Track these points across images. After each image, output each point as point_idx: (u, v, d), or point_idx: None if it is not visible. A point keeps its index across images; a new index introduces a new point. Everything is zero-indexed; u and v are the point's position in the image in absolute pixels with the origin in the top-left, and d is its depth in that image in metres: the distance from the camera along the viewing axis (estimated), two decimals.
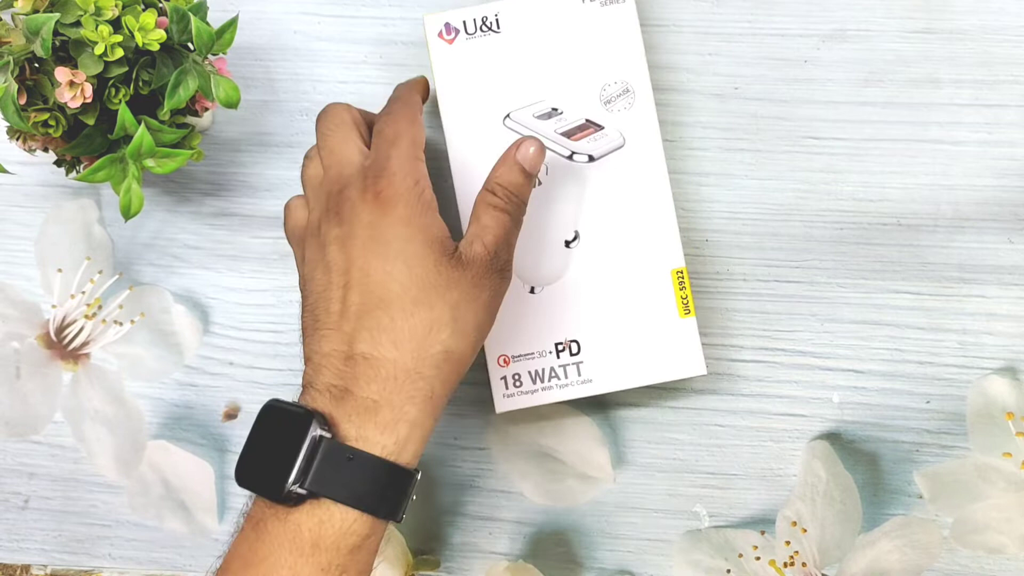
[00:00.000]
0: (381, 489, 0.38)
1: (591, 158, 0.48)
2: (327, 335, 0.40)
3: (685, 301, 0.47)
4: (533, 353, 0.47)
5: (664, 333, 0.47)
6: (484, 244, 0.42)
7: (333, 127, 0.44)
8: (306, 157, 0.46)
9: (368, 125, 0.46)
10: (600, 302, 0.47)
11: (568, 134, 0.48)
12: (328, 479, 0.38)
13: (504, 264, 0.43)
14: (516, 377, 0.47)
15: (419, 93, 0.47)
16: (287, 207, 0.46)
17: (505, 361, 0.47)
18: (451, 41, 0.48)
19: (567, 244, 0.48)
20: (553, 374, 0.47)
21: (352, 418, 0.39)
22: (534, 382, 0.47)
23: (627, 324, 0.47)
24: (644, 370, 0.47)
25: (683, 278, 0.48)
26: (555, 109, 0.48)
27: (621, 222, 0.48)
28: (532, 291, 0.48)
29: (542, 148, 0.44)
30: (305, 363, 0.41)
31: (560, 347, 0.47)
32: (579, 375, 0.47)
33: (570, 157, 0.48)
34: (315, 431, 0.38)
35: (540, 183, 0.48)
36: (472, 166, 0.48)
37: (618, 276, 0.47)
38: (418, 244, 0.41)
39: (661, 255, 0.48)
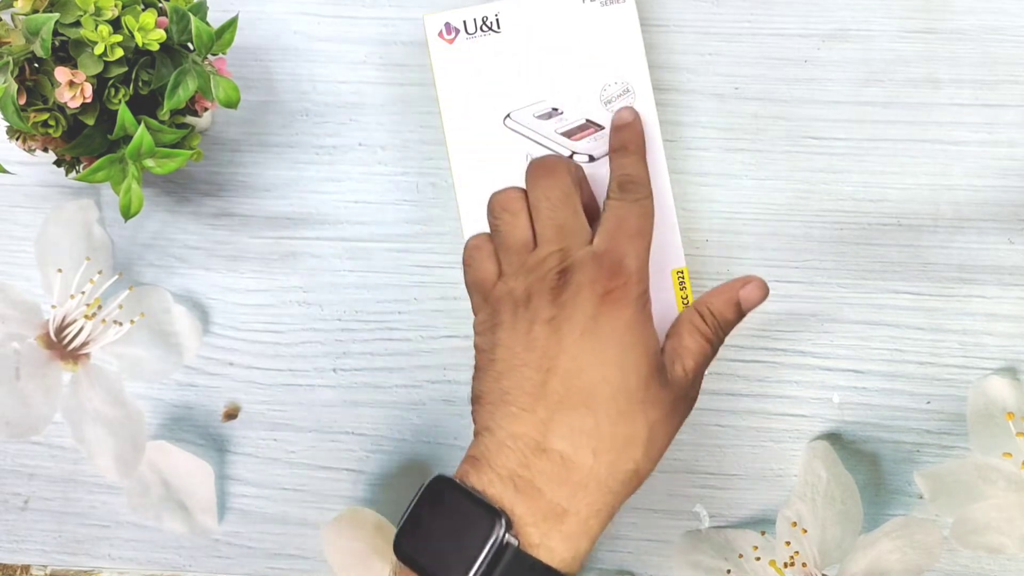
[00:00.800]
0: None
1: (592, 158, 0.48)
2: (519, 415, 0.38)
3: (686, 301, 0.47)
4: None
5: (665, 333, 0.47)
6: (684, 368, 0.41)
7: (561, 196, 0.42)
8: (505, 210, 0.43)
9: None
10: None
11: (568, 134, 0.48)
12: None
13: (696, 393, 0.42)
14: None
15: (644, 155, 0.46)
16: (471, 254, 0.44)
17: None
18: (451, 41, 0.48)
19: None
20: None
21: (539, 522, 0.37)
22: None
23: None
24: None
25: (683, 278, 0.48)
26: (555, 109, 0.48)
27: None
28: None
29: (765, 291, 0.43)
30: (480, 432, 0.39)
31: None
32: None
33: (570, 157, 0.48)
34: (500, 531, 0.35)
35: None
36: (473, 166, 0.48)
37: None
38: (637, 354, 0.39)
39: (662, 255, 0.48)
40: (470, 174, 0.48)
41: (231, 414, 0.52)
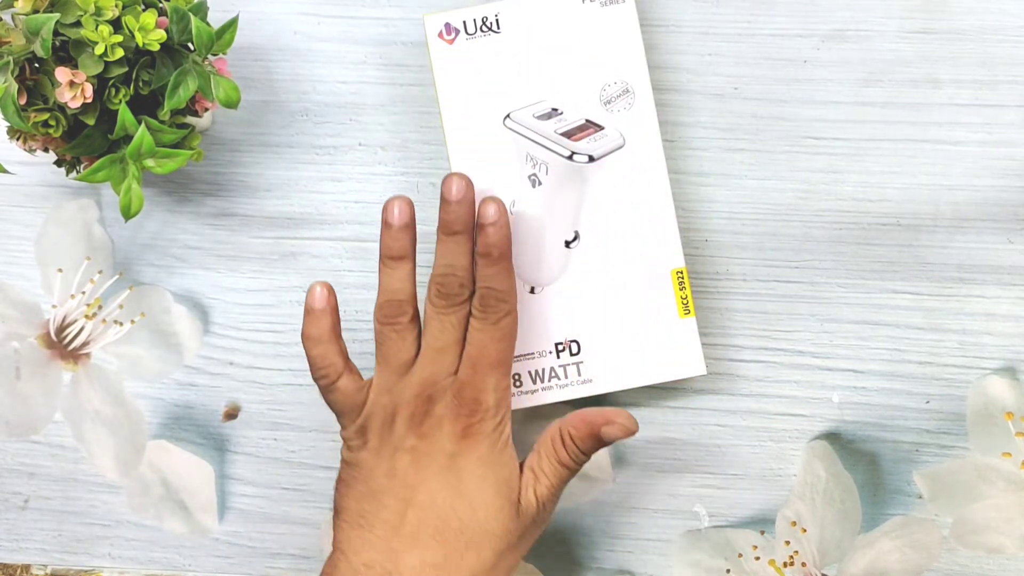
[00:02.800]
0: None
1: (591, 158, 0.48)
2: (372, 543, 0.41)
3: (685, 301, 0.48)
4: (533, 353, 0.47)
5: (664, 333, 0.47)
6: (537, 495, 0.43)
7: (454, 322, 0.43)
8: (392, 328, 0.44)
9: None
10: (600, 302, 0.47)
11: (568, 134, 0.48)
12: None
13: (548, 517, 0.44)
14: (516, 377, 0.47)
15: (510, 259, 0.45)
16: (339, 385, 0.44)
17: None
18: (451, 41, 0.48)
19: (567, 244, 0.48)
20: (553, 374, 0.47)
21: None
22: (534, 382, 0.47)
23: (627, 324, 0.47)
24: (644, 370, 0.47)
25: (683, 278, 0.48)
26: (555, 109, 0.48)
27: (621, 222, 0.48)
28: (532, 291, 0.48)
29: (629, 432, 0.44)
30: (337, 551, 0.42)
31: (560, 347, 0.47)
32: (579, 375, 0.47)
33: (570, 157, 0.48)
34: None
35: (540, 183, 0.48)
36: (472, 167, 0.48)
37: (618, 276, 0.48)
38: (488, 486, 0.42)
39: (661, 255, 0.48)
40: (470, 174, 0.48)
41: (231, 414, 0.52)
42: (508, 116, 0.48)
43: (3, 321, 0.50)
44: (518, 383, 0.47)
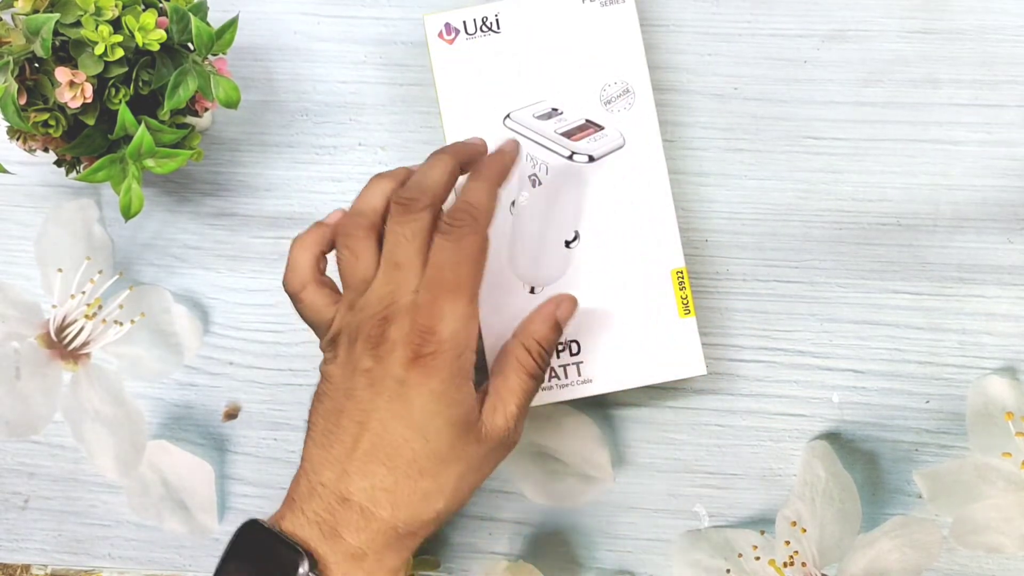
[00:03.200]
0: None
1: (591, 158, 0.48)
2: (329, 463, 0.40)
3: (685, 301, 0.48)
4: None
5: (664, 333, 0.47)
6: (506, 415, 0.42)
7: (410, 234, 0.41)
8: (346, 246, 0.42)
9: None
10: (600, 302, 0.47)
11: (568, 134, 0.48)
12: None
13: (517, 438, 0.43)
14: None
15: (498, 185, 0.43)
16: (303, 296, 0.43)
17: None
18: (451, 41, 0.48)
19: (567, 244, 0.48)
20: (553, 374, 0.47)
21: (340, 563, 0.39)
22: None
23: (627, 324, 0.47)
24: (644, 370, 0.47)
25: (683, 278, 0.48)
26: (555, 109, 0.48)
27: (621, 222, 0.48)
28: (532, 291, 0.48)
29: (575, 303, 0.45)
30: (301, 467, 0.41)
31: (560, 347, 0.47)
32: (579, 375, 0.47)
33: (570, 157, 0.48)
34: (303, 570, 0.38)
35: (540, 183, 0.48)
36: None
37: (618, 276, 0.48)
38: (440, 421, 0.40)
39: (661, 255, 0.48)
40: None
41: (231, 414, 0.52)
42: (508, 116, 0.48)
43: (3, 321, 0.50)
44: None
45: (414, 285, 0.40)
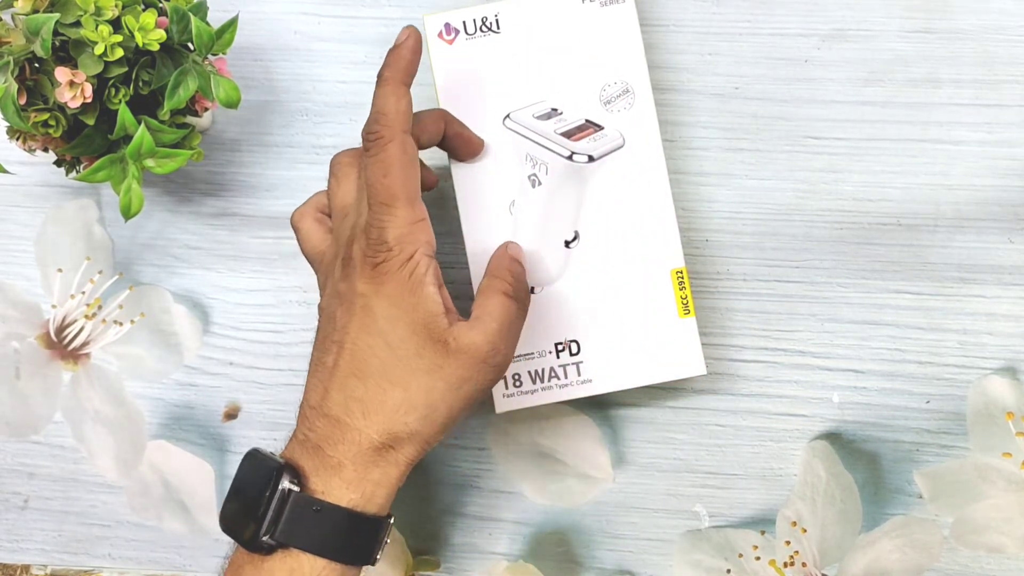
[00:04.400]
0: (348, 537, 0.40)
1: (591, 158, 0.48)
2: (315, 386, 0.42)
3: (685, 301, 0.47)
4: (533, 353, 0.47)
5: (664, 333, 0.47)
6: (485, 332, 0.42)
7: (382, 166, 0.41)
8: (333, 174, 0.44)
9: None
10: (600, 302, 0.47)
11: (568, 134, 0.48)
12: (296, 530, 0.39)
13: (503, 359, 0.42)
14: (516, 377, 0.47)
15: (404, 83, 0.42)
16: (300, 226, 0.45)
17: None
18: (451, 42, 0.48)
19: (567, 244, 0.48)
20: (553, 374, 0.47)
21: (320, 472, 0.40)
22: (534, 382, 0.47)
23: (627, 324, 0.47)
24: (644, 370, 0.47)
25: (683, 278, 0.48)
26: (555, 109, 0.48)
27: (621, 222, 0.48)
28: (532, 291, 0.48)
29: (517, 245, 0.46)
30: (303, 397, 0.43)
31: (560, 347, 0.47)
32: (579, 375, 0.47)
33: (570, 157, 0.48)
34: (284, 484, 0.39)
35: (540, 183, 0.48)
36: (472, 167, 0.48)
37: (618, 276, 0.47)
38: (402, 326, 0.41)
39: (661, 255, 0.48)
40: (469, 175, 0.48)
41: (231, 414, 0.52)
42: (508, 116, 0.48)
43: (3, 321, 0.50)
44: (518, 383, 0.47)
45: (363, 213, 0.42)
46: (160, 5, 0.44)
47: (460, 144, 0.47)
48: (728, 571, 0.49)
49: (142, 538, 0.52)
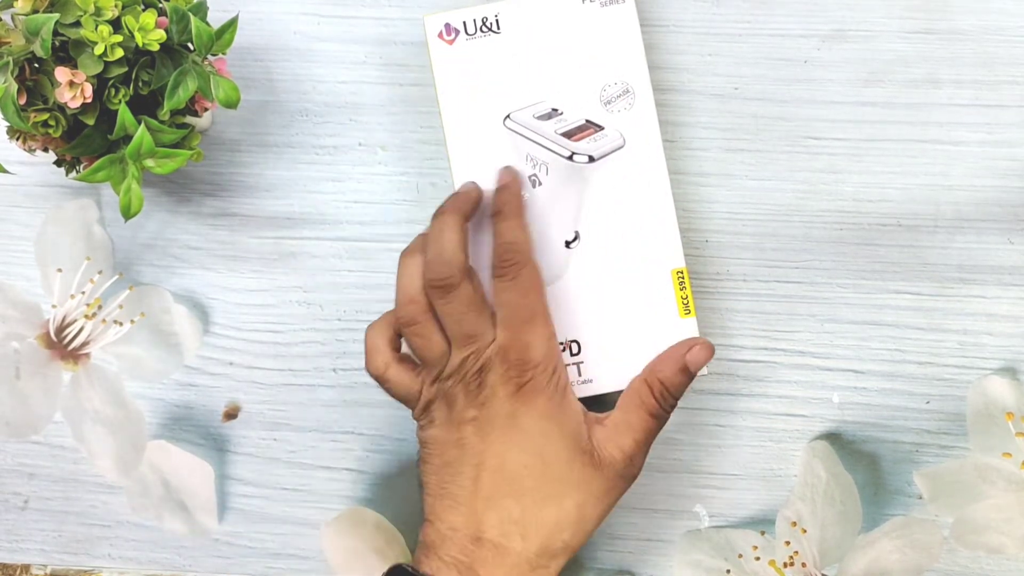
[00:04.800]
0: None
1: (591, 159, 0.48)
2: (455, 508, 0.43)
3: (686, 301, 0.47)
4: None
5: (664, 333, 0.47)
6: (621, 448, 0.43)
7: (461, 308, 0.43)
8: (413, 333, 0.45)
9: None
10: (600, 302, 0.47)
11: (568, 135, 0.48)
12: None
13: (637, 471, 0.44)
14: None
15: (522, 216, 0.46)
16: (387, 375, 0.46)
17: None
18: (451, 42, 0.48)
19: (567, 244, 0.48)
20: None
21: None
22: None
23: (627, 324, 0.47)
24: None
25: (683, 278, 0.48)
26: (555, 110, 0.48)
27: (621, 222, 0.48)
28: None
29: (711, 351, 0.45)
30: (427, 520, 0.43)
31: (561, 347, 0.47)
32: (579, 375, 0.47)
33: (570, 158, 0.48)
34: None
35: (540, 183, 0.48)
36: (473, 167, 0.48)
37: (618, 276, 0.47)
38: (555, 439, 0.42)
39: (661, 255, 0.48)
40: (470, 174, 0.48)
41: (231, 414, 0.52)
42: (508, 116, 0.48)
43: (3, 321, 0.50)
44: None
45: (491, 336, 0.43)
46: (160, 5, 0.44)
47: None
48: (728, 571, 0.49)
49: (142, 538, 0.52)
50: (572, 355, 0.47)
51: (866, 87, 0.51)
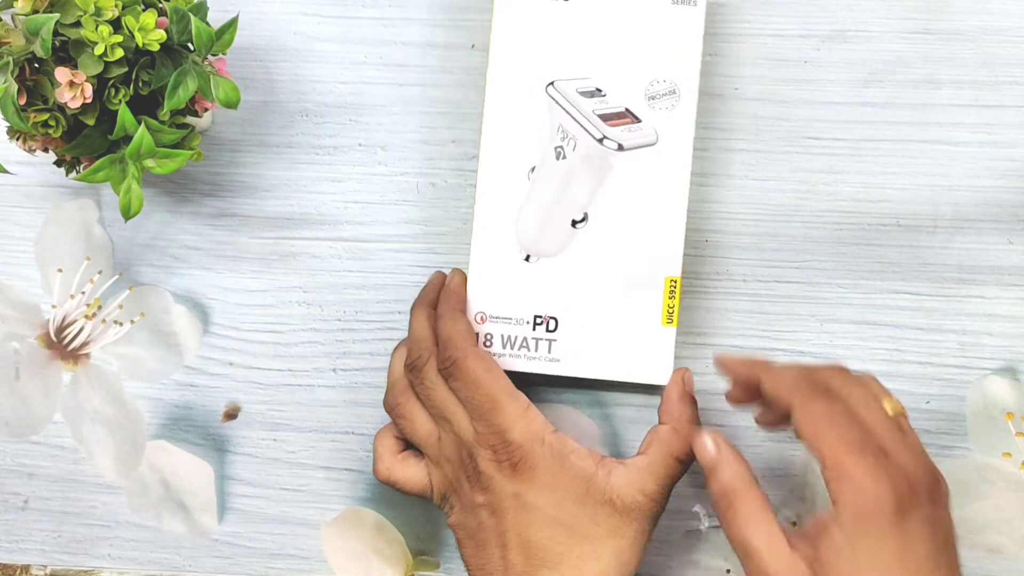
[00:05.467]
0: None
1: (621, 147, 0.47)
2: None
3: (671, 311, 0.47)
4: (511, 319, 0.47)
5: (643, 336, 0.47)
6: (645, 492, 0.43)
7: (440, 402, 0.44)
8: (399, 416, 0.46)
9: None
10: (589, 289, 0.47)
11: (605, 117, 0.47)
12: None
13: (662, 508, 0.44)
14: (488, 337, 0.47)
15: (459, 310, 0.47)
16: (395, 479, 0.47)
17: (482, 319, 0.47)
18: None
19: (574, 224, 0.48)
20: (524, 344, 0.47)
21: None
22: (504, 347, 0.47)
23: (609, 317, 0.47)
24: (611, 366, 0.47)
25: (675, 287, 0.47)
26: (599, 90, 0.48)
27: (631, 217, 0.47)
28: (527, 259, 0.48)
29: (689, 372, 0.47)
30: None
31: (539, 320, 0.47)
32: (549, 352, 0.47)
33: (601, 141, 0.47)
34: None
35: (564, 157, 0.48)
36: (503, 122, 0.48)
37: (614, 269, 0.47)
38: (569, 504, 0.42)
39: (660, 260, 0.47)
40: (500, 129, 0.48)
41: (231, 414, 0.52)
42: (552, 84, 0.48)
43: (3, 321, 0.50)
44: (489, 344, 0.47)
45: (467, 420, 0.44)
46: (160, 5, 0.44)
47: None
48: (728, 571, 0.49)
49: (142, 538, 0.52)
50: (548, 331, 0.47)
51: (866, 87, 0.51)
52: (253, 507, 0.52)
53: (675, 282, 0.47)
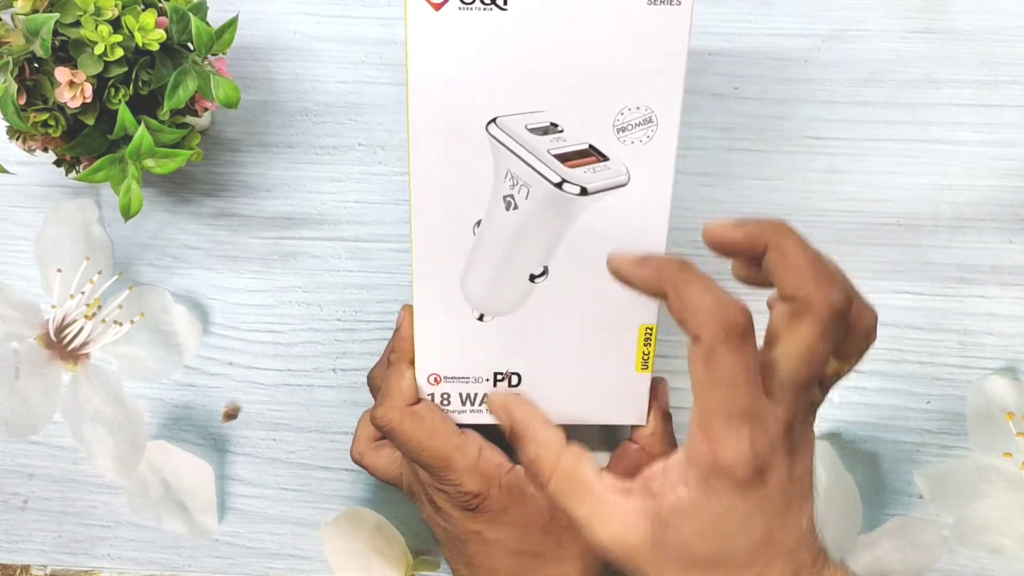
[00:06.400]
0: None
1: (584, 191, 0.39)
2: None
3: (647, 357, 0.42)
4: (469, 378, 0.42)
5: (615, 383, 0.42)
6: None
7: (411, 454, 0.43)
8: (365, 450, 0.47)
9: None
10: (554, 342, 0.41)
11: (563, 158, 0.39)
12: None
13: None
14: (445, 396, 0.42)
15: (406, 361, 0.42)
16: (365, 463, 0.46)
17: (436, 380, 0.42)
18: (439, 6, 0.37)
19: (532, 279, 0.41)
20: (486, 400, 0.42)
21: None
22: (463, 404, 0.43)
23: (578, 370, 0.42)
24: (582, 411, 0.43)
25: (651, 335, 0.41)
26: (554, 125, 0.38)
27: (600, 267, 0.39)
28: (480, 319, 0.41)
29: (665, 384, 0.44)
30: None
31: (500, 377, 0.42)
32: None
33: (559, 186, 0.38)
34: None
35: (516, 207, 0.40)
36: (435, 172, 0.39)
37: (581, 320, 0.41)
38: (533, 534, 0.42)
39: (634, 308, 0.41)
40: (431, 181, 0.39)
41: (231, 414, 0.52)
42: (494, 121, 0.38)
43: (3, 321, 0.50)
44: (446, 402, 0.42)
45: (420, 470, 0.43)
46: (160, 5, 0.44)
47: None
48: None
49: (142, 538, 0.52)
50: (511, 386, 0.42)
51: (866, 87, 0.51)
52: (253, 507, 0.52)
53: (651, 330, 0.41)
